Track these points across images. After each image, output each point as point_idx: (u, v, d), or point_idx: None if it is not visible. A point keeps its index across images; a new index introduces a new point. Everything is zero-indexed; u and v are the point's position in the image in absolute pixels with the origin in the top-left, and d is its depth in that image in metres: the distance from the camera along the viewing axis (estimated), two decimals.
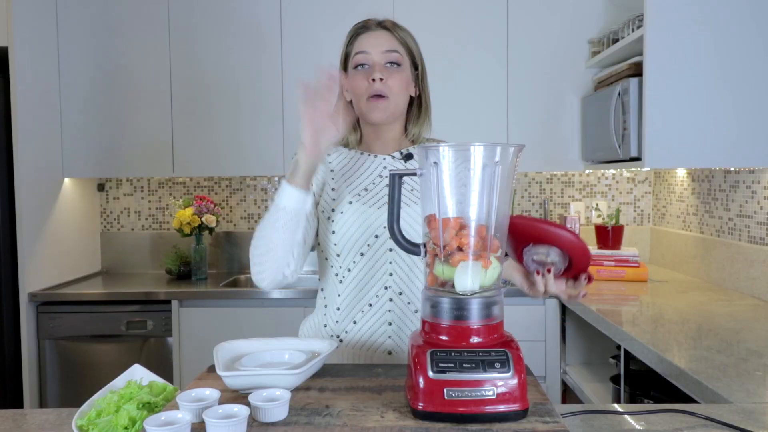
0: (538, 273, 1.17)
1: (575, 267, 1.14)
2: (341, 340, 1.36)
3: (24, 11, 2.69)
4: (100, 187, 3.34)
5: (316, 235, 1.40)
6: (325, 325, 1.39)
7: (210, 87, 2.96)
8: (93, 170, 3.00)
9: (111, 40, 2.95)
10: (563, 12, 2.89)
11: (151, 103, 2.97)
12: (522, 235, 1.13)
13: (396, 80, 1.34)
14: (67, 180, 3.02)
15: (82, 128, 2.97)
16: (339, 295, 1.36)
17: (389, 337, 1.34)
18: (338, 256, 1.35)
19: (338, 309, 1.37)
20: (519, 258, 1.19)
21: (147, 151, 2.98)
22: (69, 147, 2.97)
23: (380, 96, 1.32)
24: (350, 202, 1.34)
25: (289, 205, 1.19)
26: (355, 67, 1.35)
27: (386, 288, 1.34)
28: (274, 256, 1.23)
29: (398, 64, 1.35)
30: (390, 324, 1.34)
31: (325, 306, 1.40)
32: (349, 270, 1.35)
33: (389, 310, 1.34)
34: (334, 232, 1.34)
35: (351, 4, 2.88)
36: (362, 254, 1.33)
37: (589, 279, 1.18)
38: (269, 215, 1.22)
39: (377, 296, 1.34)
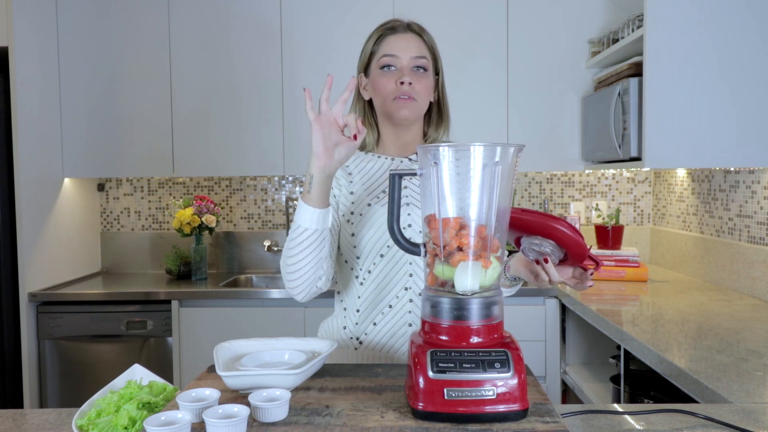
0: (537, 262, 1.17)
1: (572, 258, 1.14)
2: (361, 342, 1.36)
3: (24, 11, 2.70)
4: (100, 187, 3.34)
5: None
6: (345, 327, 1.39)
7: (210, 87, 2.96)
8: (93, 170, 3.00)
9: (111, 41, 2.95)
10: (563, 12, 2.89)
11: (151, 103, 2.97)
12: (517, 227, 1.13)
13: (423, 85, 1.35)
14: (67, 180, 3.02)
15: (82, 128, 2.97)
16: (359, 297, 1.36)
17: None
18: (358, 258, 1.35)
19: (358, 311, 1.37)
20: (518, 247, 1.19)
21: (147, 151, 2.98)
22: (69, 147, 2.97)
23: (408, 98, 1.33)
24: (369, 204, 1.34)
25: (311, 226, 1.17)
26: (381, 68, 1.36)
27: (406, 289, 1.34)
28: (304, 274, 1.23)
29: (425, 69, 1.36)
30: (410, 325, 1.34)
31: (345, 309, 1.40)
32: (369, 271, 1.34)
33: (409, 311, 1.34)
34: (353, 235, 1.34)
35: (351, 4, 2.88)
36: (382, 255, 1.33)
37: (597, 265, 1.16)
38: (293, 235, 1.20)
39: (397, 297, 1.34)
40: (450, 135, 1.50)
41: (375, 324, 1.35)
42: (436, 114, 1.45)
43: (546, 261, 1.14)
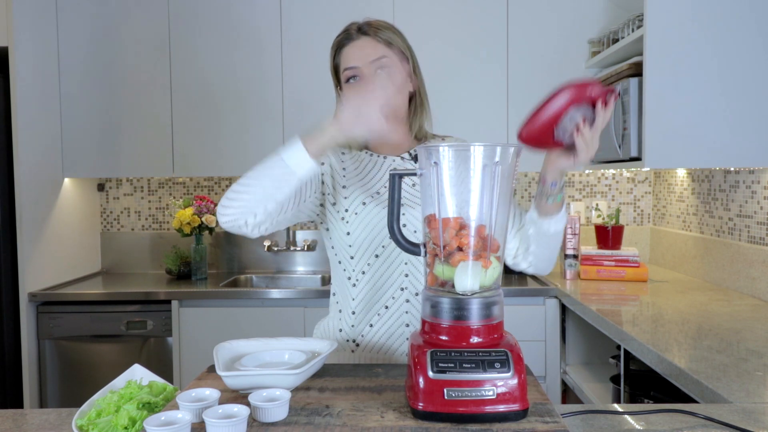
0: (578, 132, 1.11)
1: (592, 98, 1.10)
2: (357, 345, 1.36)
3: (24, 11, 2.69)
4: (100, 187, 3.34)
5: (330, 237, 1.40)
6: (341, 330, 1.38)
7: (210, 86, 2.96)
8: (93, 170, 3.00)
9: (111, 41, 2.95)
10: (563, 12, 2.89)
11: (151, 103, 2.97)
12: (541, 140, 1.11)
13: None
14: (67, 180, 3.02)
15: (82, 128, 2.97)
16: (354, 299, 1.35)
17: (407, 339, 1.33)
18: (352, 258, 1.34)
19: (353, 313, 1.35)
20: (558, 144, 1.14)
21: (147, 151, 2.98)
22: (69, 147, 2.97)
23: None
24: (364, 203, 1.33)
25: (292, 164, 1.12)
26: (347, 80, 1.34)
27: (402, 289, 1.33)
28: (247, 198, 1.15)
29: (389, 67, 1.34)
30: (407, 326, 1.33)
31: (340, 311, 1.39)
32: (364, 272, 1.34)
33: (406, 312, 1.33)
34: (348, 234, 1.33)
35: (351, 5, 2.88)
36: (377, 256, 1.32)
37: (614, 95, 1.10)
38: (267, 161, 1.14)
39: (393, 298, 1.33)
40: (434, 122, 1.46)
41: (371, 326, 1.34)
42: (416, 101, 1.41)
43: (584, 122, 1.10)
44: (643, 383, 1.96)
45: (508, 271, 3.03)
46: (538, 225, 1.24)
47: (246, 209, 1.16)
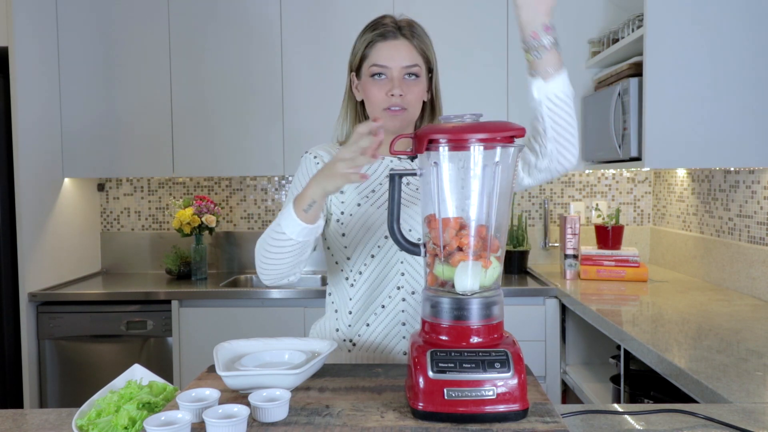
0: None
1: None
2: (354, 344, 1.36)
3: (24, 11, 2.69)
4: (100, 187, 3.34)
5: (325, 238, 1.40)
6: (337, 330, 1.38)
7: (210, 86, 2.96)
8: (93, 170, 3.00)
9: (111, 40, 2.95)
10: (563, 12, 2.89)
11: (151, 103, 2.96)
12: None
13: (414, 92, 1.33)
14: (67, 180, 3.02)
15: (82, 128, 2.97)
16: (351, 299, 1.36)
17: (403, 337, 1.34)
18: (348, 259, 1.34)
19: (350, 313, 1.36)
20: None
21: (147, 151, 2.98)
22: (69, 147, 2.97)
23: (398, 109, 1.31)
24: (358, 204, 1.33)
25: (298, 238, 1.15)
26: (372, 75, 1.33)
27: (398, 288, 1.33)
28: (280, 268, 1.21)
29: (417, 76, 1.34)
30: (404, 324, 1.34)
31: (336, 311, 1.40)
32: (360, 273, 1.34)
33: (402, 311, 1.33)
34: (344, 235, 1.33)
35: (351, 4, 2.88)
36: (373, 256, 1.32)
37: None
38: (276, 236, 1.17)
39: (390, 297, 1.33)
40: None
41: (368, 325, 1.35)
42: (429, 111, 1.42)
43: None
44: (643, 383, 1.96)
45: (507, 271, 3.03)
46: (545, 90, 1.22)
47: (282, 276, 1.24)
